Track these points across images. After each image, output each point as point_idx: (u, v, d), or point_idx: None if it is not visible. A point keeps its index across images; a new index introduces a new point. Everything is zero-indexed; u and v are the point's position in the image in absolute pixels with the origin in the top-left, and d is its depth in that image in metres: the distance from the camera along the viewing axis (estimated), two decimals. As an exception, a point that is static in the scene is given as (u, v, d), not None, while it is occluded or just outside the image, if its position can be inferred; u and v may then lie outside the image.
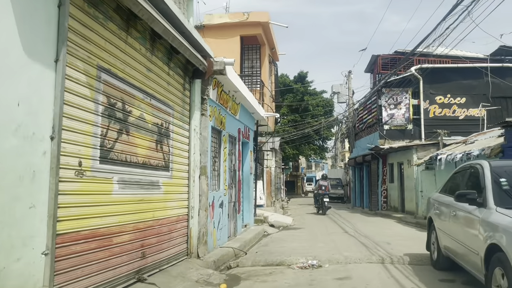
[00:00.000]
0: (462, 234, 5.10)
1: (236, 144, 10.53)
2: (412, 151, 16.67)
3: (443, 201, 6.15)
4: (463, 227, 5.06)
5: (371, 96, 21.74)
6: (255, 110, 11.88)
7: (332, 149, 46.44)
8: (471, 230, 4.76)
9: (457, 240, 5.25)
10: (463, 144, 13.66)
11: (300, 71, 40.18)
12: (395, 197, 18.87)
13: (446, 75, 19.90)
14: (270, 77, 17.00)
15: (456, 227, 5.32)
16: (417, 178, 16.19)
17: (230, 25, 14.13)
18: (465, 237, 4.97)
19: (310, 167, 79.03)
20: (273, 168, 24.51)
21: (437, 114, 19.80)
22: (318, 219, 17.11)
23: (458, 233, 5.25)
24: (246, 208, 12.07)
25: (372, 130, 21.26)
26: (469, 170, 5.65)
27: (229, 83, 8.57)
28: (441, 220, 6.09)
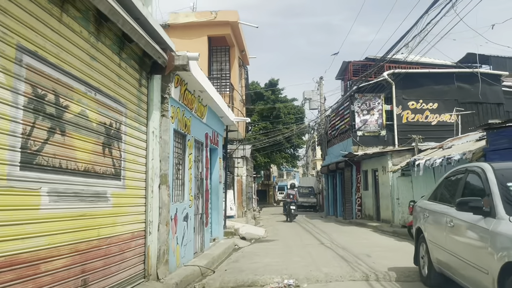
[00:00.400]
0: (462, 248, 4.38)
1: (203, 150, 9.63)
2: (387, 157, 16.19)
3: (434, 210, 5.45)
4: (465, 240, 4.35)
5: (343, 102, 21.30)
6: (224, 114, 11.04)
7: (303, 157, 46.04)
8: (476, 244, 4.06)
9: (456, 255, 4.54)
10: (440, 149, 13.23)
11: (271, 79, 39.72)
12: (370, 205, 18.34)
13: (418, 81, 19.70)
14: (240, 80, 16.21)
15: (455, 240, 4.60)
16: (393, 185, 15.68)
17: (197, 24, 13.28)
18: (467, 251, 4.26)
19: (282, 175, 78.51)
20: (244, 176, 23.65)
21: (410, 120, 19.53)
22: (292, 230, 16.33)
23: (457, 246, 4.54)
24: (215, 220, 11.14)
25: (345, 136, 20.77)
26: (465, 175, 4.97)
27: (194, 82, 7.70)
28: (434, 232, 5.39)
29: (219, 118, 11.28)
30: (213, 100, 9.39)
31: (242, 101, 15.80)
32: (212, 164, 11.16)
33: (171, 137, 7.02)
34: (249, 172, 26.72)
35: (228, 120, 11.85)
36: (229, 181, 17.50)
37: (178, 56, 6.70)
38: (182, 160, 7.97)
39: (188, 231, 8.02)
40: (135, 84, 5.94)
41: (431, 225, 5.49)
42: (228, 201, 16.68)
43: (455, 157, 9.83)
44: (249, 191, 26.54)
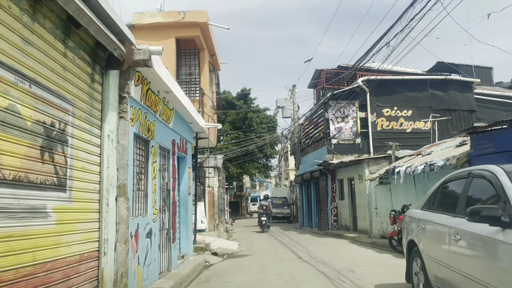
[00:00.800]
0: (473, 266, 3.72)
1: (170, 158, 8.76)
2: (364, 165, 15.70)
3: (432, 220, 4.80)
4: (477, 256, 3.69)
5: (317, 109, 20.81)
6: (194, 120, 10.22)
7: (276, 167, 45.46)
8: (492, 261, 3.39)
9: (463, 273, 3.88)
10: (419, 156, 12.80)
11: (243, 88, 39.08)
12: (346, 215, 17.78)
13: (392, 88, 19.45)
14: (211, 86, 15.43)
15: (462, 256, 3.94)
16: (370, 194, 15.17)
17: (164, 25, 12.46)
18: (479, 269, 3.60)
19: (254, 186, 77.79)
20: (216, 188, 22.73)
21: (384, 127, 19.20)
22: (267, 243, 15.54)
23: (465, 263, 3.87)
24: (184, 235, 10.23)
25: (319, 145, 20.24)
26: (469, 179, 4.34)
27: (158, 80, 6.87)
28: (432, 245, 4.73)
29: (188, 124, 10.44)
30: (181, 103, 8.57)
31: (213, 107, 15.02)
32: (180, 173, 10.28)
33: (131, 142, 6.15)
34: (221, 183, 25.81)
35: (198, 127, 11.03)
36: (200, 192, 16.59)
37: (138, 50, 5.88)
38: (145, 169, 7.09)
39: (152, 249, 7.11)
40: (86, 79, 5.07)
41: (429, 238, 4.83)
42: (199, 214, 15.76)
43: (438, 163, 9.33)
44: (221, 202, 25.60)
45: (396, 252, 10.92)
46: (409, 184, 11.81)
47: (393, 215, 11.07)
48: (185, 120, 9.98)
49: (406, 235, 5.76)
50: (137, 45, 5.94)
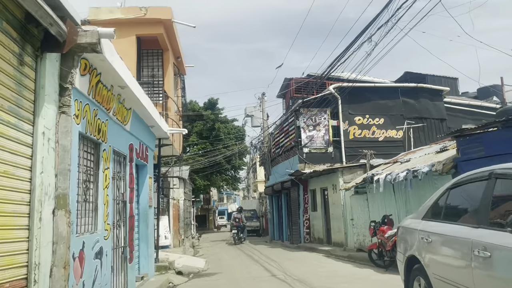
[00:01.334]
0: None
1: (127, 165, 7.65)
2: (338, 174, 14.99)
3: (443, 232, 3.97)
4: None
5: (288, 117, 20.08)
6: (155, 123, 9.16)
7: (244, 179, 44.46)
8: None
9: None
10: (397, 163, 12.19)
11: (210, 98, 38.12)
12: (320, 227, 16.98)
13: (364, 95, 19.01)
14: (176, 90, 14.39)
15: (494, 278, 3.11)
16: (345, 204, 14.44)
17: (124, 22, 11.36)
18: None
19: (222, 199, 76.45)
20: (181, 200, 21.49)
21: (357, 136, 18.67)
22: (236, 259, 14.48)
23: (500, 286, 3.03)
24: (144, 252, 9.06)
25: (290, 154, 19.47)
26: (491, 181, 3.53)
27: (111, 72, 5.84)
28: (444, 263, 3.89)
29: (149, 128, 9.37)
30: (139, 103, 7.52)
31: (179, 112, 13.95)
32: (139, 183, 9.17)
33: (75, 143, 5.06)
34: (187, 196, 24.56)
35: (161, 131, 9.96)
36: (164, 205, 15.39)
37: (85, 32, 4.87)
38: (95, 177, 5.98)
39: (103, 272, 5.97)
40: (12, 60, 3.98)
41: (438, 254, 4.00)
42: (162, 229, 14.55)
43: (423, 169, 8.66)
44: (187, 216, 24.31)
45: (376, 266, 10.15)
46: (388, 193, 11.13)
47: (373, 226, 10.33)
48: (145, 123, 8.91)
49: (404, 250, 4.92)
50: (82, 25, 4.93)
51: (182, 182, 22.16)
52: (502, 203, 3.38)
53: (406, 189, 10.30)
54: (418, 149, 14.23)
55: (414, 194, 10.02)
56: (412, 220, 5.00)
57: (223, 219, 63.11)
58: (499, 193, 3.41)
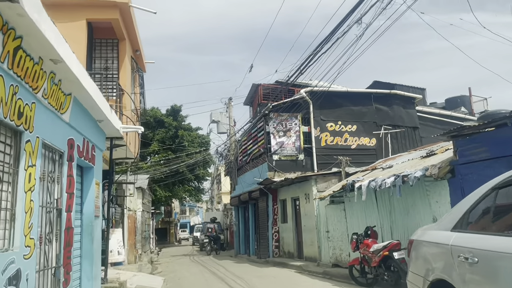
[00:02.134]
0: None
1: (65, 165, 6.13)
2: (311, 182, 13.84)
3: (502, 250, 2.77)
4: None
5: (256, 122, 18.88)
6: (105, 117, 7.67)
7: (208, 190, 42.77)
8: None
9: None
10: (378, 170, 11.16)
11: (173, 104, 36.41)
12: (290, 241, 15.72)
13: (337, 101, 18.12)
14: (134, 87, 12.87)
15: None
16: (319, 215, 13.27)
17: (72, 3, 9.86)
18: None
19: (185, 212, 74.06)
20: (139, 212, 19.72)
21: (329, 143, 17.70)
22: (199, 276, 12.97)
23: None
24: (87, 273, 7.47)
25: (259, 162, 18.22)
26: None
27: (37, 37, 4.41)
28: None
29: (96, 123, 7.85)
30: (82, 87, 6.06)
31: (136, 112, 12.42)
32: (84, 189, 7.62)
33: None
34: (146, 207, 22.76)
35: (112, 128, 8.45)
36: (118, 216, 13.70)
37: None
38: (12, 175, 4.47)
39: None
40: None
41: (495, 282, 2.80)
42: (115, 243, 12.87)
43: (415, 174, 7.59)
44: (145, 229, 22.48)
45: (358, 285, 8.99)
46: (370, 202, 10.04)
47: (355, 239, 9.17)
48: (91, 116, 7.41)
49: (425, 271, 3.71)
50: None
51: (141, 191, 20.42)
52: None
53: (391, 198, 9.25)
54: (397, 156, 13.35)
55: (401, 203, 8.98)
56: (435, 232, 3.81)
57: (185, 232, 60.85)
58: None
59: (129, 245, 14.83)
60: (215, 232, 24.05)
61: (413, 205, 8.53)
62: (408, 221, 8.73)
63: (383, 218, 9.65)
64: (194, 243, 40.07)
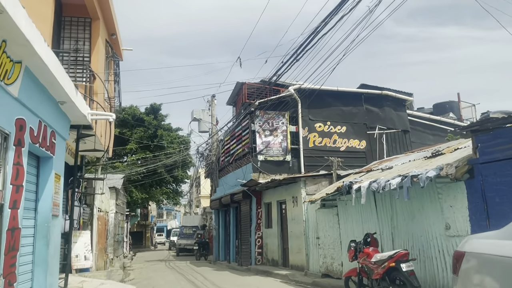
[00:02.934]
0: None
1: (10, 150, 4.92)
2: (300, 184, 12.80)
3: None
4: None
5: (241, 121, 17.79)
6: (68, 98, 6.49)
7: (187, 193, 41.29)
8: None
9: None
10: (377, 171, 10.20)
11: (153, 103, 34.96)
12: (274, 247, 14.62)
13: (326, 100, 17.20)
14: (108, 74, 11.64)
15: None
16: (308, 220, 12.23)
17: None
18: None
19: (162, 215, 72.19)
20: (112, 213, 18.35)
21: (317, 144, 16.75)
22: (175, 285, 11.75)
23: None
24: (40, 283, 6.23)
25: (243, 162, 17.12)
26: None
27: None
28: None
29: (58, 105, 6.64)
30: (37, 55, 4.89)
31: (109, 102, 11.18)
32: (40, 183, 6.40)
33: None
34: (120, 209, 21.35)
35: (77, 114, 7.25)
36: (87, 217, 12.37)
37: None
38: None
39: None
40: None
41: None
42: (82, 247, 11.55)
43: (428, 173, 6.62)
44: (119, 232, 21.08)
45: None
46: (367, 207, 9.06)
47: (353, 247, 8.15)
48: (51, 95, 6.20)
49: None
50: None
51: (114, 192, 19.07)
52: None
53: (393, 201, 8.29)
54: (393, 158, 12.45)
55: (405, 207, 8.02)
56: (503, 242, 2.79)
57: (161, 236, 59.09)
58: None
59: (99, 249, 13.49)
60: (204, 238, 24.64)
61: (421, 209, 7.57)
62: (414, 227, 7.77)
63: (383, 224, 8.67)
64: (171, 248, 38.55)
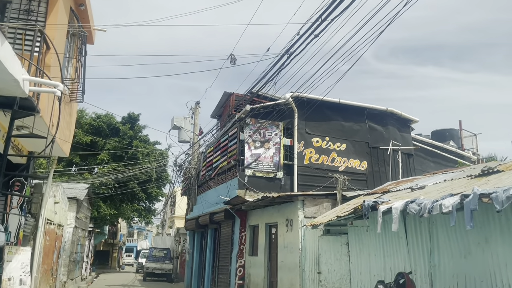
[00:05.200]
0: None
1: None
2: (297, 205, 10.57)
3: None
4: None
5: (228, 130, 15.62)
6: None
7: (160, 212, 38.44)
8: None
9: None
10: (405, 191, 8.11)
11: (130, 112, 32.61)
12: (259, 279, 12.22)
13: (326, 113, 15.24)
14: (72, 55, 9.36)
15: None
16: (305, 249, 9.98)
17: None
18: None
19: (132, 235, 68.43)
20: (70, 228, 15.71)
21: (313, 161, 14.65)
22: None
23: None
24: None
25: (227, 177, 14.86)
26: None
27: None
28: None
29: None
30: None
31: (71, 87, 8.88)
32: None
33: None
34: (81, 223, 18.65)
35: (4, 74, 4.98)
36: (29, 230, 9.81)
37: None
38: None
39: None
40: None
41: None
42: (18, 268, 8.95)
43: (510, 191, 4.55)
44: (77, 250, 18.30)
45: None
46: (393, 236, 6.94)
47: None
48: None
49: None
50: None
51: (75, 203, 16.46)
52: None
53: (433, 229, 6.18)
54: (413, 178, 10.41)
55: (454, 239, 5.91)
56: None
57: (130, 257, 55.46)
58: None
59: (43, 271, 10.88)
60: None
61: (483, 243, 5.47)
62: (468, 267, 5.65)
63: (417, 259, 6.52)
64: (138, 271, 35.41)
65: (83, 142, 28.42)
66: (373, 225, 7.36)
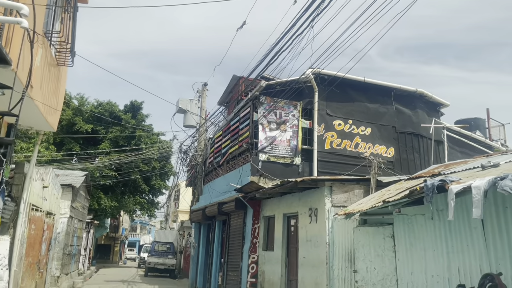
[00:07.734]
0: None
1: None
2: (323, 191, 9.01)
3: None
4: None
5: (239, 111, 14.08)
6: None
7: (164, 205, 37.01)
8: None
9: None
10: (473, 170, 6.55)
11: (133, 100, 31.18)
12: (275, 278, 10.68)
13: (349, 93, 13.68)
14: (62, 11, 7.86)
15: None
16: (333, 243, 8.44)
17: None
18: None
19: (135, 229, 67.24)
20: (63, 218, 14.26)
21: (335, 146, 13.11)
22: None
23: None
24: None
25: (238, 162, 13.34)
26: None
27: None
28: None
29: None
30: None
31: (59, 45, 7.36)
32: None
33: None
34: (77, 214, 17.20)
35: None
36: (8, 216, 8.31)
37: None
38: None
39: None
40: None
41: None
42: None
43: None
44: (73, 243, 16.86)
45: None
46: (461, 226, 5.39)
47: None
48: None
49: None
50: None
51: (71, 191, 15.00)
52: None
53: None
54: (463, 161, 8.81)
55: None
56: None
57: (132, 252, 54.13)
58: None
59: (27, 264, 9.40)
60: None
61: None
62: None
63: (502, 257, 4.95)
64: (140, 266, 34.03)
65: (83, 130, 27.11)
66: (431, 212, 5.80)
